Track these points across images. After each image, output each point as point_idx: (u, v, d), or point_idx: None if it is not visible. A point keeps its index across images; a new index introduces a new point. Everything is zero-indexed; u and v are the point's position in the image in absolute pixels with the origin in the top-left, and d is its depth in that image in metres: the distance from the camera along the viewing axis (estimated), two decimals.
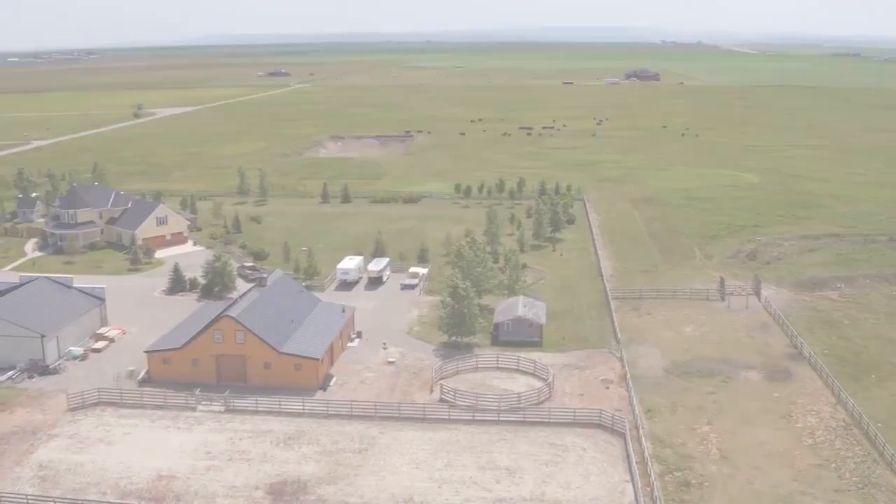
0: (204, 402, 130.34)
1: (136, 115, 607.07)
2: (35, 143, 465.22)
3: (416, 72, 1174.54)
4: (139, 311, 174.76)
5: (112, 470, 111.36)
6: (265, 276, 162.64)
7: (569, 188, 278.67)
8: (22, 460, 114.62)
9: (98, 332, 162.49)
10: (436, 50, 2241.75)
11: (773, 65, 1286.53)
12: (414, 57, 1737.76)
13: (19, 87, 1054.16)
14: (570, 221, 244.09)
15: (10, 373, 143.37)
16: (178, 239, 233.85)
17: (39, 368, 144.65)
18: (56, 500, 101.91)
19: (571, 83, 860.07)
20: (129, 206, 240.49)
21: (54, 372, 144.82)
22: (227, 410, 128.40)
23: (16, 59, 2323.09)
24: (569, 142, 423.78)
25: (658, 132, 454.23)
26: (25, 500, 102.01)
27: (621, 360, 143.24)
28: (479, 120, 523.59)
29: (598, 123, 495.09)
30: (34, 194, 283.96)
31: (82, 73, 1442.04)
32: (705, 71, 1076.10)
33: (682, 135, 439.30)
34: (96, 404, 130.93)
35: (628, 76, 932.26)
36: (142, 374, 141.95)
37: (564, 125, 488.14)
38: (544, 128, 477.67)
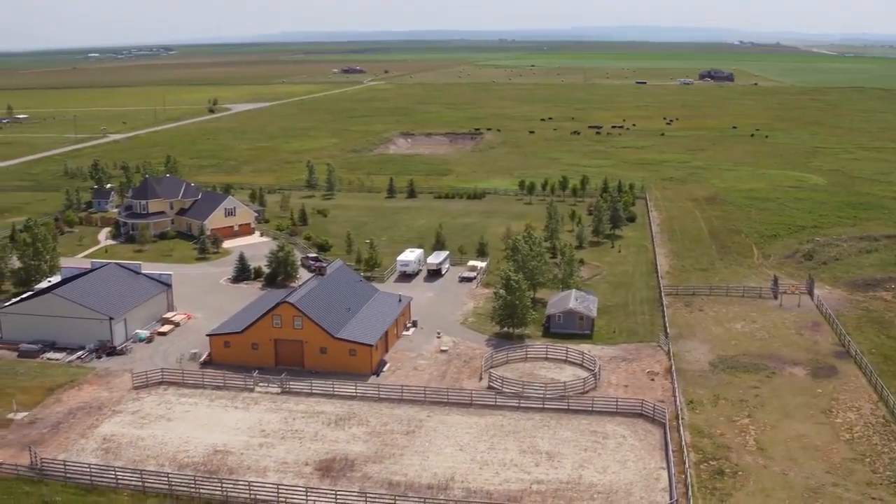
0: (261, 384, 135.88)
1: (211, 111, 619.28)
2: (112, 137, 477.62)
3: (489, 70, 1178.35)
4: (205, 298, 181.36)
5: (171, 444, 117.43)
6: (325, 265, 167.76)
7: (631, 186, 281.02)
8: (87, 433, 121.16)
9: (164, 316, 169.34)
10: (510, 49, 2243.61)
11: (850, 66, 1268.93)
12: (488, 55, 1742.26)
13: (99, 82, 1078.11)
14: (631, 219, 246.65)
15: (80, 353, 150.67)
16: (245, 230, 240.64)
17: (107, 349, 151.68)
18: (117, 469, 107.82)
19: (645, 83, 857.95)
20: (199, 197, 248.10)
21: (121, 353, 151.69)
22: (284, 392, 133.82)
23: (96, 54, 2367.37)
24: (637, 141, 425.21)
25: (728, 133, 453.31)
26: (88, 469, 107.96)
27: (668, 353, 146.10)
28: (549, 118, 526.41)
29: (668, 123, 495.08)
30: (109, 185, 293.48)
31: (160, 69, 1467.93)
32: (781, 72, 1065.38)
33: (752, 135, 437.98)
34: (159, 383, 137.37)
35: (702, 76, 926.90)
36: (204, 356, 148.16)
37: (634, 125, 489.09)
38: (613, 127, 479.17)
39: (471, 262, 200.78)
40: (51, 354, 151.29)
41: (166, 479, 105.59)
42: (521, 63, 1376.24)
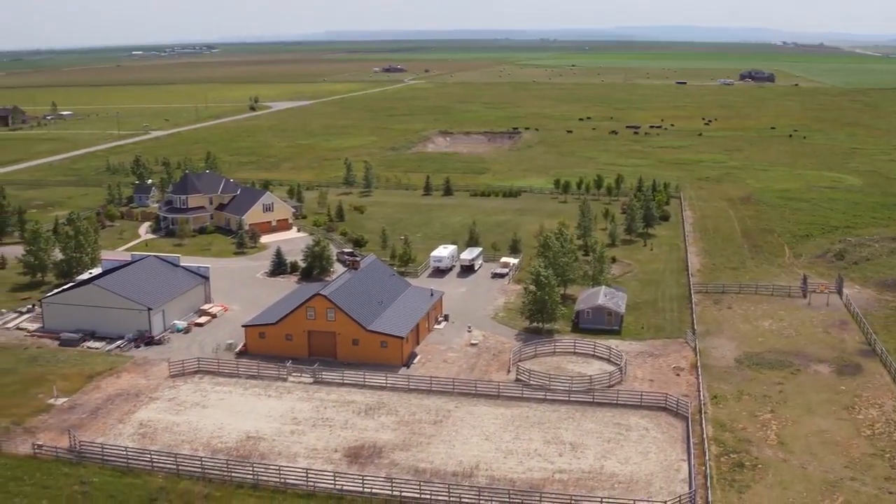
0: (294, 374, 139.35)
1: (252, 108, 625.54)
2: (154, 134, 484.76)
3: (530, 70, 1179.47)
4: (242, 291, 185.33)
5: (205, 430, 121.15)
6: (359, 259, 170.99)
7: (665, 186, 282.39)
8: (125, 418, 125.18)
9: (202, 308, 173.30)
10: (551, 48, 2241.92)
11: (894, 67, 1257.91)
12: (529, 55, 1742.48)
13: (142, 79, 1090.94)
14: (665, 218, 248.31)
15: (119, 342, 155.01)
16: (283, 225, 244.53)
17: (145, 339, 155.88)
18: (152, 453, 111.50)
19: (685, 83, 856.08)
20: (238, 193, 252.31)
21: (159, 342, 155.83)
22: (316, 382, 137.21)
23: (140, 52, 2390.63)
24: (674, 141, 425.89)
25: (765, 133, 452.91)
26: (125, 452, 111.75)
27: (695, 349, 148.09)
28: (588, 118, 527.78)
29: (707, 124, 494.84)
30: (150, 181, 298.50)
31: (203, 66, 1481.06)
32: (823, 73, 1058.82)
33: (790, 136, 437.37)
34: (195, 372, 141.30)
35: (742, 77, 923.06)
36: (239, 346, 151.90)
37: (672, 125, 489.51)
38: (651, 127, 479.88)
39: (503, 259, 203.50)
40: (91, 343, 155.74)
41: (199, 462, 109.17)
42: (561, 63, 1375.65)
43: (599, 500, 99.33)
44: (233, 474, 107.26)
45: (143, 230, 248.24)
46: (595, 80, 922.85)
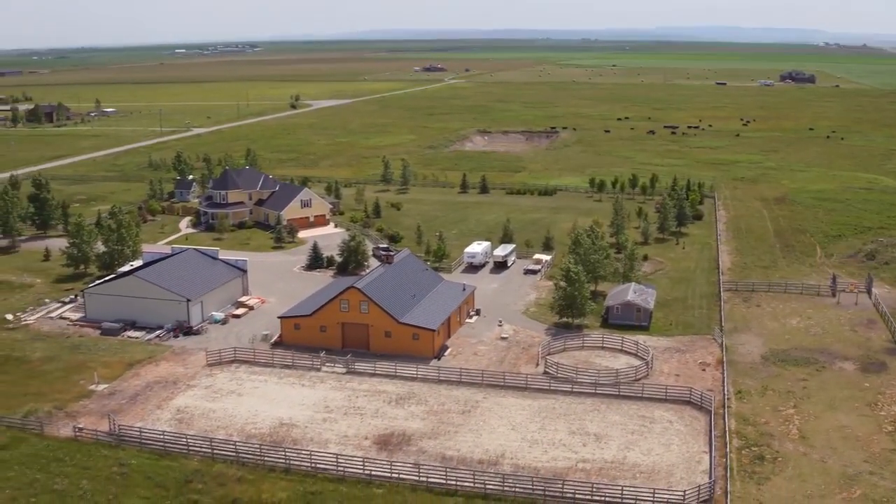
0: (328, 364, 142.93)
1: (293, 107, 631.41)
2: (196, 131, 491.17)
3: (570, 70, 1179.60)
4: (279, 284, 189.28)
5: (240, 416, 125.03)
6: (392, 254, 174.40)
7: (700, 185, 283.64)
8: (162, 405, 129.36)
9: (239, 300, 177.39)
10: (592, 48, 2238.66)
11: None
12: (570, 55, 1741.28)
13: (184, 77, 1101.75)
14: (698, 217, 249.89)
15: (159, 331, 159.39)
16: (320, 221, 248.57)
17: (184, 329, 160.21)
18: (188, 437, 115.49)
19: (725, 84, 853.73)
20: (277, 189, 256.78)
21: (197, 333, 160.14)
22: (349, 372, 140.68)
23: (183, 50, 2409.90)
24: (712, 141, 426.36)
25: (804, 134, 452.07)
26: (162, 436, 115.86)
27: (721, 345, 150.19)
28: (626, 118, 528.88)
29: (745, 124, 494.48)
30: (190, 176, 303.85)
31: (245, 65, 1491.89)
32: (865, 74, 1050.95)
33: (827, 137, 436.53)
34: (232, 362, 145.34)
35: (783, 78, 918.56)
36: (274, 337, 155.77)
37: (710, 125, 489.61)
38: (689, 127, 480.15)
39: (536, 256, 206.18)
40: (131, 333, 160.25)
41: (234, 447, 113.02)
42: (602, 63, 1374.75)
43: (620, 488, 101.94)
44: (266, 459, 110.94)
45: (184, 225, 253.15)
46: (635, 81, 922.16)
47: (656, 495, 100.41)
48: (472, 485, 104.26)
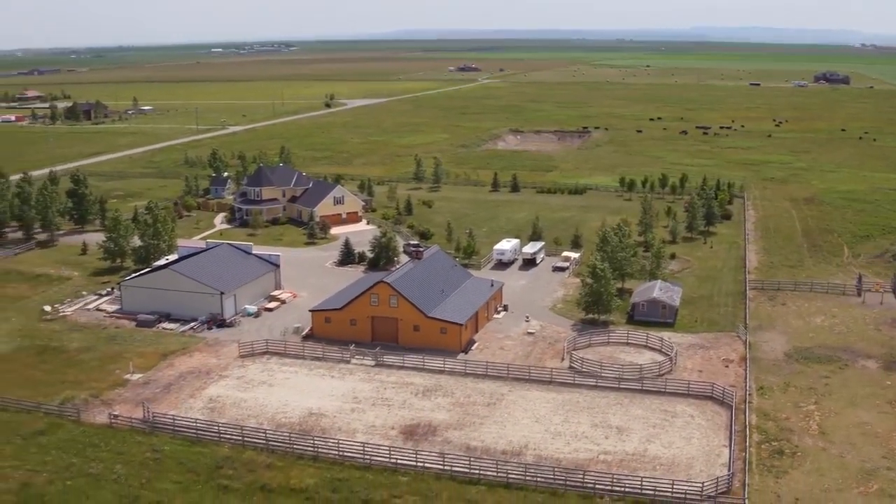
0: (357, 357, 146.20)
1: (328, 106, 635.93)
2: (231, 129, 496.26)
3: (604, 70, 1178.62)
4: (311, 279, 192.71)
5: (270, 406, 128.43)
6: (422, 250, 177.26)
7: (729, 185, 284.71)
8: (195, 394, 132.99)
9: (272, 294, 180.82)
10: (627, 49, 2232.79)
11: None
12: (604, 55, 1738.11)
13: (220, 76, 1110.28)
14: (727, 217, 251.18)
15: (193, 323, 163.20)
16: (352, 218, 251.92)
17: (217, 321, 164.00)
18: (220, 425, 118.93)
19: (758, 84, 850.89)
20: (310, 186, 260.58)
21: (230, 325, 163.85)
22: (377, 365, 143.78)
23: (219, 49, 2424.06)
24: (743, 142, 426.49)
25: (836, 135, 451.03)
26: (195, 424, 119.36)
27: (745, 342, 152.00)
28: (659, 118, 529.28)
29: (777, 125, 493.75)
30: (225, 173, 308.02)
31: (280, 64, 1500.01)
32: None
33: (860, 138, 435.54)
34: (263, 353, 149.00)
35: (817, 79, 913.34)
36: (306, 330, 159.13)
37: (742, 126, 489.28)
38: (721, 127, 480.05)
39: (565, 253, 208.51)
40: (166, 324, 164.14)
41: (264, 435, 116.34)
42: (636, 63, 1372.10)
43: (640, 479, 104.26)
44: (294, 446, 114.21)
45: (219, 220, 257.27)
46: (668, 81, 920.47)
47: (675, 486, 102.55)
48: (494, 474, 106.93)
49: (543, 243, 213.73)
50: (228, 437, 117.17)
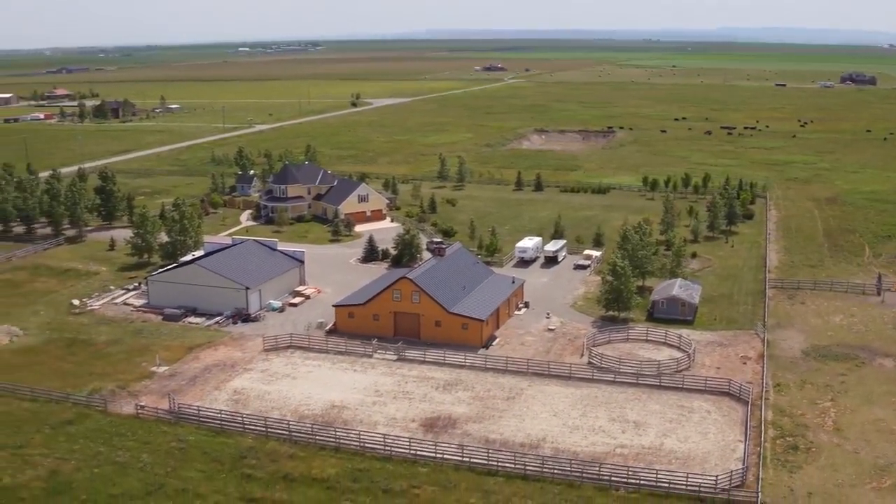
0: (380, 351, 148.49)
1: (353, 105, 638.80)
2: (258, 128, 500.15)
3: (630, 70, 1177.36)
4: (335, 275, 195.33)
5: (293, 398, 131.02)
6: (444, 247, 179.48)
7: (752, 185, 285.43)
8: (220, 386, 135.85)
9: (296, 289, 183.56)
10: (654, 49, 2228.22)
11: None
12: (630, 55, 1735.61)
13: (247, 75, 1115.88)
14: (749, 217, 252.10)
15: (218, 318, 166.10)
16: (377, 215, 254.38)
17: (242, 316, 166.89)
18: (244, 416, 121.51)
19: (784, 85, 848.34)
20: (335, 184, 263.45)
21: (255, 319, 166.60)
22: (399, 359, 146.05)
23: (246, 49, 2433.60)
24: (767, 142, 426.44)
25: (861, 136, 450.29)
26: (219, 415, 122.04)
27: (763, 340, 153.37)
28: (683, 118, 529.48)
29: (802, 125, 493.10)
30: (252, 171, 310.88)
31: (307, 63, 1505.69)
32: None
33: (885, 139, 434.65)
34: (287, 347, 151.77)
35: (843, 80, 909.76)
36: (329, 325, 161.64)
37: (767, 126, 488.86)
38: (746, 128, 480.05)
39: (586, 251, 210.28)
40: (192, 319, 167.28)
41: (287, 426, 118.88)
42: (662, 63, 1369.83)
43: (655, 471, 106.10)
44: (317, 437, 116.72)
45: (244, 217, 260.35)
46: (694, 81, 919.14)
47: (689, 479, 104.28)
48: (512, 466, 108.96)
49: (565, 241, 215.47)
50: (252, 427, 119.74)
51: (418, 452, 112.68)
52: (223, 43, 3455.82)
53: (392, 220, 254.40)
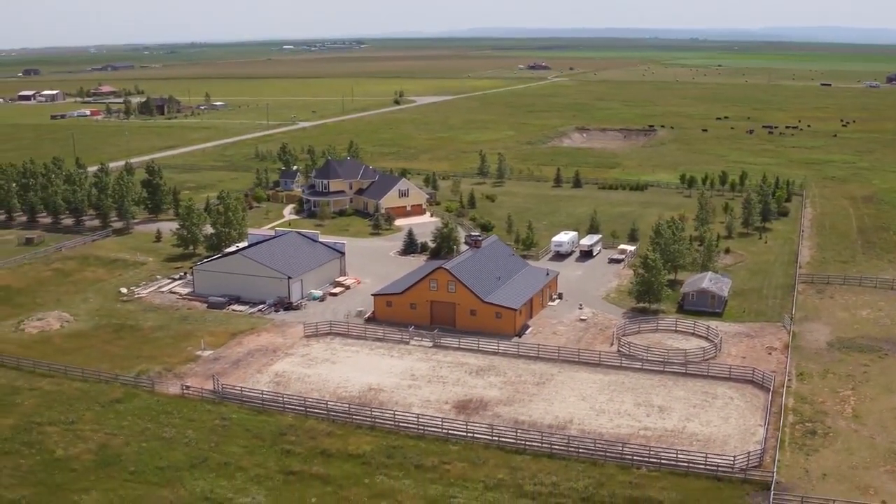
0: (416, 338, 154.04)
1: (396, 102, 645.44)
2: (301, 125, 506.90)
3: (675, 69, 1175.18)
4: (374, 267, 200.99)
5: (332, 381, 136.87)
6: (481, 238, 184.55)
7: (788, 183, 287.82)
8: (262, 369, 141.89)
9: (337, 280, 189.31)
10: (700, 48, 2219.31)
11: None
12: (676, 54, 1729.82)
13: (292, 73, 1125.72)
14: (784, 214, 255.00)
15: (261, 306, 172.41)
16: (417, 210, 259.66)
17: (284, 304, 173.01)
18: (284, 396, 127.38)
19: (829, 85, 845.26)
20: (376, 179, 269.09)
21: (296, 308, 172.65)
22: (435, 346, 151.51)
23: (290, 47, 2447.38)
24: (808, 141, 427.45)
25: None
26: (261, 395, 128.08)
27: (790, 332, 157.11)
28: (725, 118, 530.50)
29: (844, 125, 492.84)
30: (295, 167, 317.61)
31: (351, 61, 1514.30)
32: None
33: None
34: (327, 334, 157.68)
35: (889, 79, 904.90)
36: (368, 313, 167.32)
37: (809, 125, 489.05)
38: (787, 127, 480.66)
39: (621, 246, 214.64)
40: (235, 307, 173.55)
41: (325, 406, 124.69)
42: (708, 62, 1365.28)
43: (675, 451, 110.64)
44: (353, 417, 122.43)
45: (287, 211, 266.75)
46: (739, 81, 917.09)
47: (708, 459, 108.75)
48: (539, 445, 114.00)
49: (601, 236, 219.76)
50: (292, 407, 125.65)
51: (450, 431, 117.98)
52: (267, 41, 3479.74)
53: (432, 215, 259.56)
